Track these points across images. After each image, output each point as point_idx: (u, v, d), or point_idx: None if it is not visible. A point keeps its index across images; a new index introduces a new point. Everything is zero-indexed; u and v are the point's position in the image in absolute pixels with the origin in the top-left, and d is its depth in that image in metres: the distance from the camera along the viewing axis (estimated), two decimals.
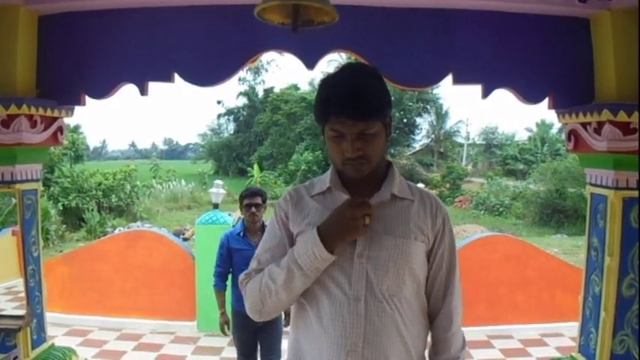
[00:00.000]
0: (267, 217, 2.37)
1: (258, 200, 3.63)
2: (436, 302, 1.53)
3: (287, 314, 3.61)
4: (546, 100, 3.10)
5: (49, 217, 12.65)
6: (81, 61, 3.10)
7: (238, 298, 3.47)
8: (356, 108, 1.34)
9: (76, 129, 20.58)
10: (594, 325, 2.97)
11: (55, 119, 3.17)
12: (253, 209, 3.60)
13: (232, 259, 3.66)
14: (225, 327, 3.77)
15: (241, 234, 3.65)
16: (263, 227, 3.63)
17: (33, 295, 3.14)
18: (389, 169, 1.54)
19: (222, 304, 3.80)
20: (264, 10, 2.04)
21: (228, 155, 34.92)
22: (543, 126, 29.77)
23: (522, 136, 32.11)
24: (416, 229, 1.47)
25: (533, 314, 5.50)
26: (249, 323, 3.33)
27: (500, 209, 20.56)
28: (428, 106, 30.29)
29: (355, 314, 1.40)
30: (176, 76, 3.06)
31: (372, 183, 1.49)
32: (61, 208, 15.30)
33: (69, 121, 3.52)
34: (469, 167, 30.39)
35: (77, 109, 3.30)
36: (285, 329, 3.68)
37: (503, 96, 3.13)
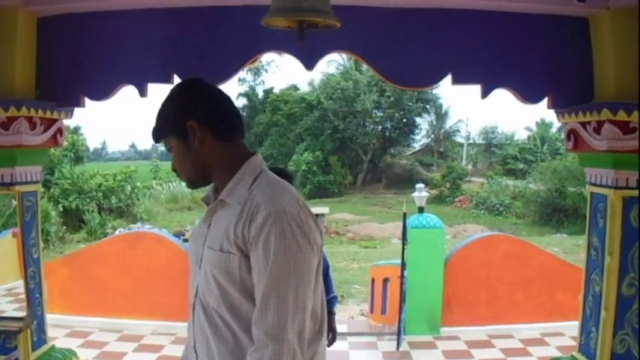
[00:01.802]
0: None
1: None
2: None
3: (331, 330, 3.08)
4: (545, 100, 3.10)
5: (49, 219, 12.66)
6: (80, 62, 3.09)
7: None
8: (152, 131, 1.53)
9: (76, 130, 20.52)
10: (595, 325, 2.96)
11: (54, 121, 3.16)
12: None
13: None
14: None
15: None
16: None
17: (33, 297, 3.13)
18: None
19: None
20: (270, 19, 2.13)
21: None
22: (543, 125, 29.67)
23: (522, 135, 31.96)
24: (225, 239, 1.36)
25: (534, 314, 5.49)
26: None
27: (501, 209, 20.57)
28: (427, 106, 30.24)
29: (190, 318, 1.49)
30: (175, 77, 3.06)
31: (222, 187, 1.48)
32: (62, 209, 15.31)
33: (69, 122, 3.52)
34: (469, 167, 30.35)
35: (77, 110, 3.30)
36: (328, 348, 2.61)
37: (502, 95, 3.13)
